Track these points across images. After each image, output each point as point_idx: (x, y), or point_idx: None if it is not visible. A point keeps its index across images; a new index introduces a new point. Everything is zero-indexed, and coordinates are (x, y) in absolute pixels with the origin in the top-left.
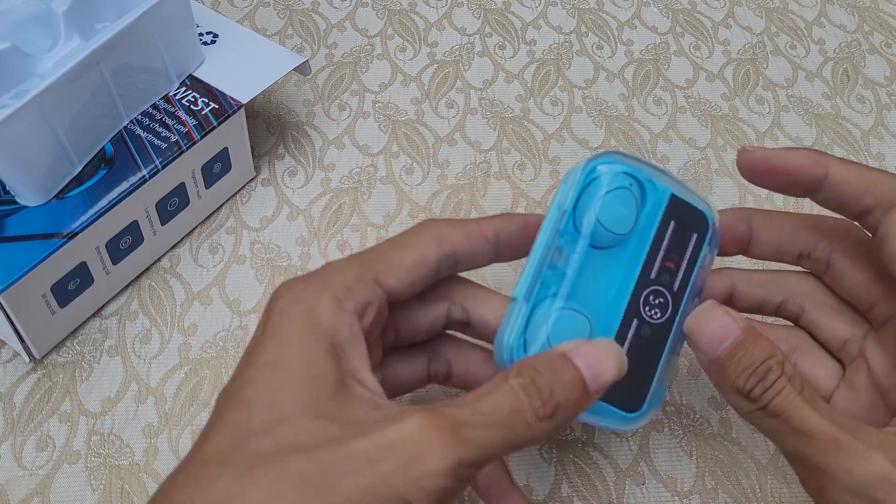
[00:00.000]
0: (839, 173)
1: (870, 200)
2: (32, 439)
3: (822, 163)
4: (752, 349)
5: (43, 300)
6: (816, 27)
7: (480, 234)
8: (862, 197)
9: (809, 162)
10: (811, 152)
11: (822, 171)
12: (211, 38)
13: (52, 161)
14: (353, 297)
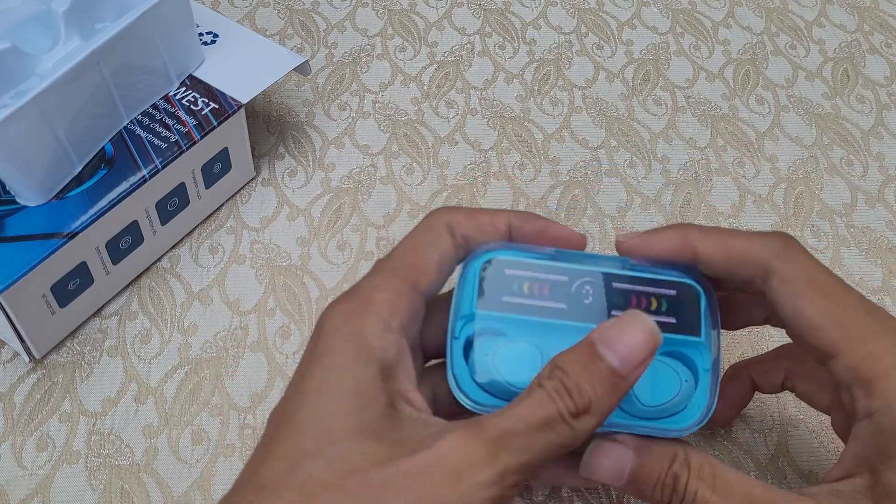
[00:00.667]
0: (705, 251)
1: (744, 272)
2: (32, 439)
3: (687, 243)
4: (651, 464)
5: (43, 300)
6: (816, 27)
7: (494, 228)
8: (735, 270)
9: (674, 245)
10: (674, 232)
11: (690, 252)
12: (211, 38)
13: (52, 161)
14: (398, 314)
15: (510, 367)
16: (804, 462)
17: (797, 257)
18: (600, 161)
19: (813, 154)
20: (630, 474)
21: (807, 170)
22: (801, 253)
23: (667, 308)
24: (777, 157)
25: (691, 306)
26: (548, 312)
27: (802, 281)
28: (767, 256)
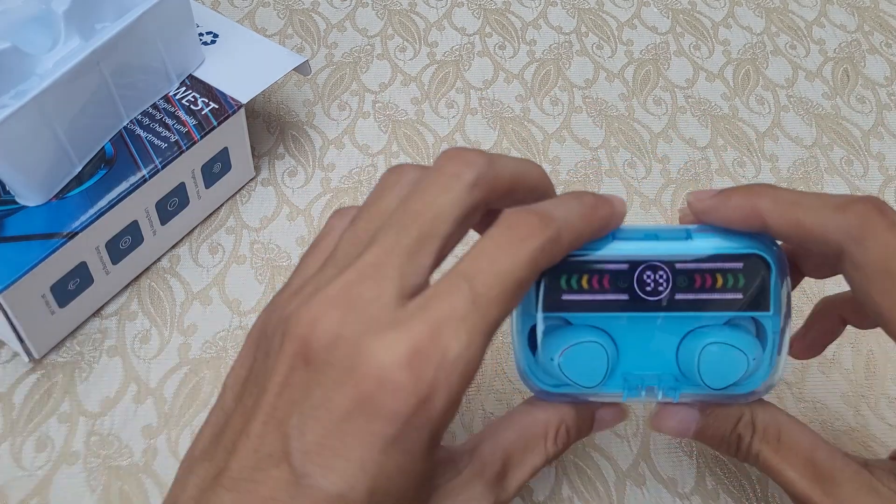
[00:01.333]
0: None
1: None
2: (31, 440)
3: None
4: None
5: (42, 300)
6: (816, 27)
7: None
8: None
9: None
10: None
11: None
12: (211, 37)
13: (52, 161)
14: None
15: (576, 369)
16: None
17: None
18: (600, 161)
19: (813, 154)
20: (694, 433)
21: (807, 170)
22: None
23: (733, 284)
24: (777, 156)
25: (760, 280)
26: (610, 306)
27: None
28: (840, 238)
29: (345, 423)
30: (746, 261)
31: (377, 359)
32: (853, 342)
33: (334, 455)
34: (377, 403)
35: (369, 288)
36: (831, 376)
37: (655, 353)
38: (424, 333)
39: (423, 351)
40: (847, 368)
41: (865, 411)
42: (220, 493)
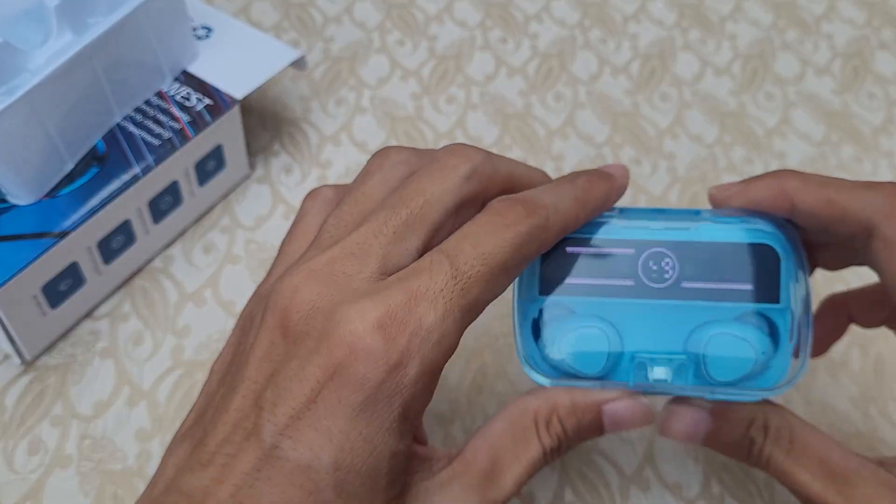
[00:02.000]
0: (805, 203)
1: (845, 229)
2: (24, 443)
3: (784, 194)
4: (728, 429)
5: (34, 301)
6: (825, 22)
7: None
8: (836, 227)
9: (770, 195)
10: (771, 180)
11: (787, 204)
12: (205, 32)
13: (42, 159)
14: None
15: (578, 356)
16: None
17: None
18: (605, 158)
19: (822, 152)
20: (705, 438)
21: (816, 167)
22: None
23: (742, 275)
24: (786, 154)
25: (770, 270)
26: (615, 291)
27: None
28: (871, 214)
29: (316, 393)
30: (756, 250)
31: (350, 325)
32: (861, 344)
33: (304, 426)
34: (347, 370)
35: (352, 265)
36: (839, 379)
37: (663, 346)
38: (399, 301)
39: (397, 317)
40: (855, 371)
41: (874, 414)
42: (195, 470)
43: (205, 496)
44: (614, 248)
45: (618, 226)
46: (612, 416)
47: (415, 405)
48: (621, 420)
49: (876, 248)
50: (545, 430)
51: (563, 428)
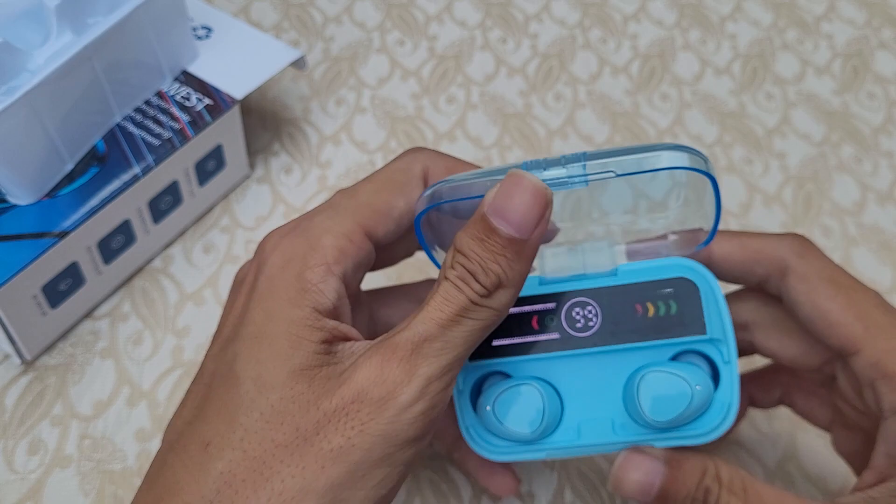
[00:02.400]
0: (720, 251)
1: (760, 270)
2: (24, 443)
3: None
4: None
5: (34, 301)
6: (825, 22)
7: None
8: (752, 269)
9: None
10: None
11: (705, 254)
12: (205, 32)
13: (42, 159)
14: (343, 261)
15: (512, 416)
16: (814, 467)
17: (814, 255)
18: None
19: (822, 151)
20: (660, 489)
21: (816, 168)
22: (817, 252)
23: (665, 310)
24: (786, 154)
25: (692, 300)
26: (542, 347)
27: (821, 277)
28: (785, 254)
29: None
30: (675, 285)
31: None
32: None
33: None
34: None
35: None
36: None
37: (601, 399)
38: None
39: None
40: None
41: None
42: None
43: None
44: (536, 304)
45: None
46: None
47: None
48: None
49: (791, 283)
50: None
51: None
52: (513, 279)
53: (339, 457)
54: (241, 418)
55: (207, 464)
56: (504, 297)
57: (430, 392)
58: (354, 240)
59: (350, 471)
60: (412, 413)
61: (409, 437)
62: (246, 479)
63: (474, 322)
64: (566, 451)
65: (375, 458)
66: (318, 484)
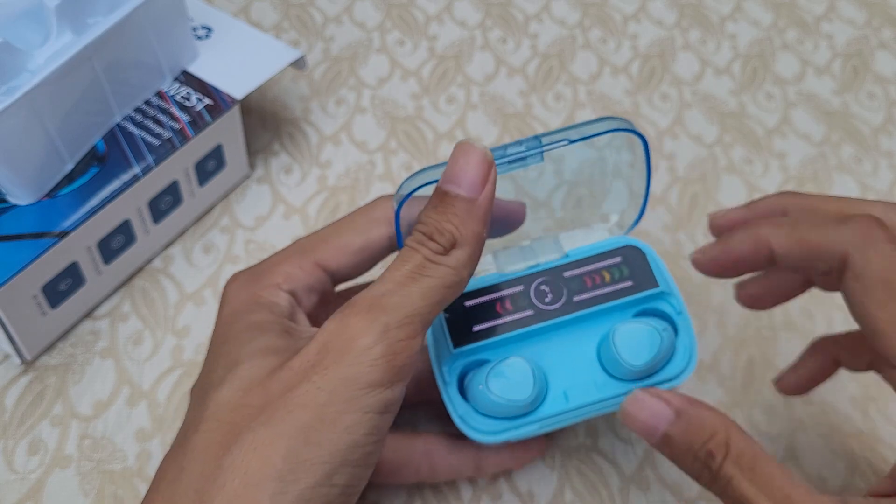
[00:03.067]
0: (781, 247)
1: (822, 266)
2: (24, 443)
3: (761, 242)
4: (689, 433)
5: (34, 301)
6: (825, 22)
7: None
8: (814, 265)
9: (748, 247)
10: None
11: (766, 251)
12: (205, 32)
13: (42, 159)
14: (291, 281)
15: (505, 387)
16: (814, 467)
17: (877, 248)
18: None
19: (822, 152)
20: (663, 435)
21: (816, 168)
22: (884, 242)
23: (619, 275)
24: (786, 154)
25: (640, 263)
26: (519, 324)
27: (877, 280)
28: (845, 249)
29: None
30: (623, 253)
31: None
32: None
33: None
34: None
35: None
36: (840, 379)
37: (580, 365)
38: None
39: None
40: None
41: (874, 414)
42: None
43: None
44: (506, 289)
45: (496, 274)
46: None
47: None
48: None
49: (847, 282)
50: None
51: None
52: (466, 237)
53: (306, 402)
54: (212, 394)
55: (185, 443)
56: (460, 255)
57: (389, 338)
58: (304, 267)
59: (318, 414)
60: (372, 355)
61: (372, 381)
62: (221, 441)
63: (431, 279)
64: (558, 418)
65: (341, 400)
66: (287, 427)
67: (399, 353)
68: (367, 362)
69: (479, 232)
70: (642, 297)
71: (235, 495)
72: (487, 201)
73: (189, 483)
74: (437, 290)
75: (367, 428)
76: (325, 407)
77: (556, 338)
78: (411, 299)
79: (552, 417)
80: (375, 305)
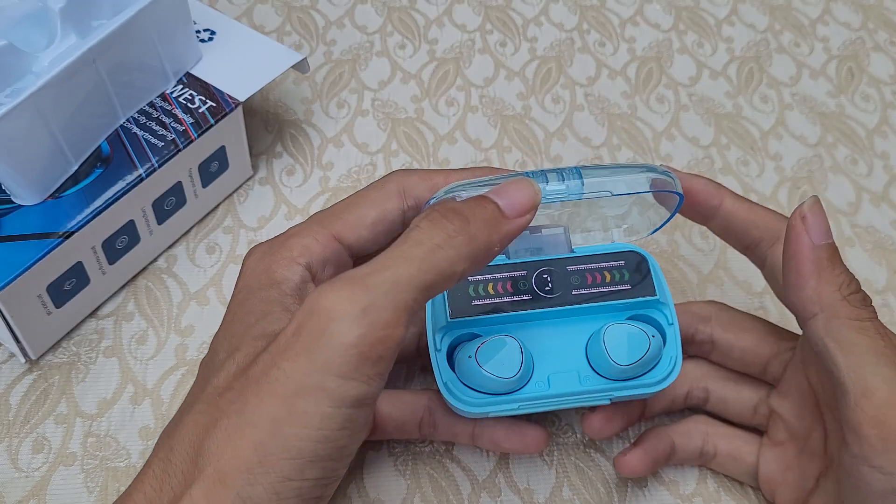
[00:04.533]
0: (732, 205)
1: (756, 233)
2: (28, 441)
3: (718, 193)
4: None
5: (39, 300)
6: (821, 24)
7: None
8: (750, 229)
9: (708, 189)
10: (710, 182)
11: (718, 201)
12: (208, 35)
13: (47, 160)
14: (307, 254)
15: (493, 362)
16: None
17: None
18: (602, 160)
19: (817, 153)
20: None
21: (811, 169)
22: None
23: (620, 278)
24: (781, 155)
25: (641, 270)
26: (516, 305)
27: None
28: (781, 228)
29: None
30: (626, 257)
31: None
32: None
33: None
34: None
35: None
36: None
37: (567, 355)
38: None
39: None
40: None
41: None
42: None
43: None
44: (509, 272)
45: (502, 257)
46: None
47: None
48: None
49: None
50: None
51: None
52: (478, 235)
53: (275, 390)
54: (212, 380)
55: (180, 421)
56: (463, 247)
57: (366, 323)
58: (320, 239)
59: (286, 404)
60: (345, 341)
61: (344, 372)
62: (207, 425)
63: (424, 261)
64: (537, 402)
65: (310, 391)
66: (257, 417)
67: (375, 343)
68: (339, 350)
69: (492, 242)
70: (638, 302)
71: (211, 482)
72: (517, 228)
73: (177, 465)
74: (427, 275)
75: (339, 423)
76: (294, 398)
77: (548, 326)
78: (398, 281)
79: (532, 400)
80: (358, 282)
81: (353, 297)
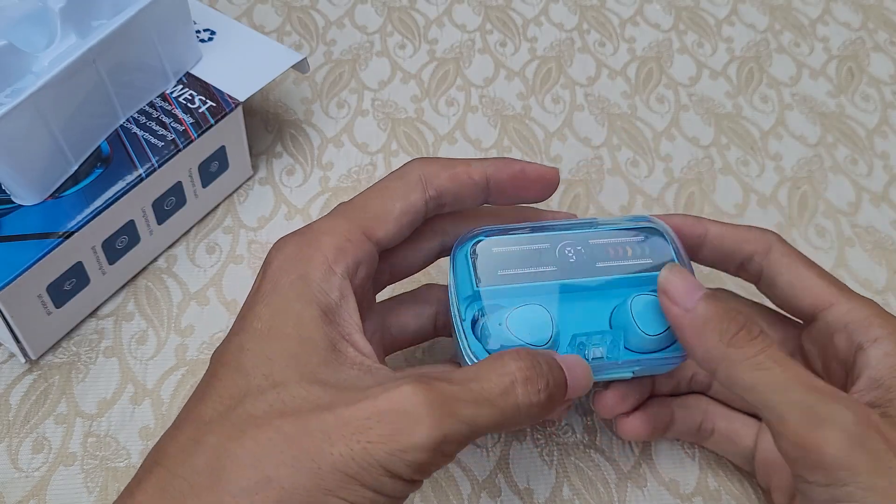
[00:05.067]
0: (718, 229)
1: (749, 248)
2: (28, 441)
3: (700, 222)
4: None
5: (39, 300)
6: (821, 24)
7: (468, 178)
8: (742, 245)
9: (688, 221)
10: (689, 216)
11: (702, 229)
12: (208, 35)
13: (47, 160)
14: (343, 258)
15: (524, 328)
16: None
17: (789, 245)
18: (603, 160)
19: (817, 153)
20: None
21: (811, 169)
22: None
23: (640, 252)
24: (781, 155)
25: (661, 245)
26: (542, 276)
27: (799, 256)
28: (770, 238)
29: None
30: (646, 233)
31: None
32: None
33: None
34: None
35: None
36: None
37: (590, 327)
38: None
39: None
40: None
41: None
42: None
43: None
44: (533, 244)
45: (529, 232)
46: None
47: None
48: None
49: (774, 258)
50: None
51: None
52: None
53: (336, 464)
54: (246, 405)
55: (200, 438)
56: (536, 412)
57: (440, 449)
58: (352, 239)
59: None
60: (415, 457)
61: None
62: (239, 454)
63: (503, 416)
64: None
65: (367, 480)
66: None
67: (438, 464)
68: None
69: (547, 415)
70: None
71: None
72: (562, 404)
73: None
74: (497, 426)
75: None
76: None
77: (572, 297)
78: (479, 421)
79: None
80: (450, 408)
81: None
